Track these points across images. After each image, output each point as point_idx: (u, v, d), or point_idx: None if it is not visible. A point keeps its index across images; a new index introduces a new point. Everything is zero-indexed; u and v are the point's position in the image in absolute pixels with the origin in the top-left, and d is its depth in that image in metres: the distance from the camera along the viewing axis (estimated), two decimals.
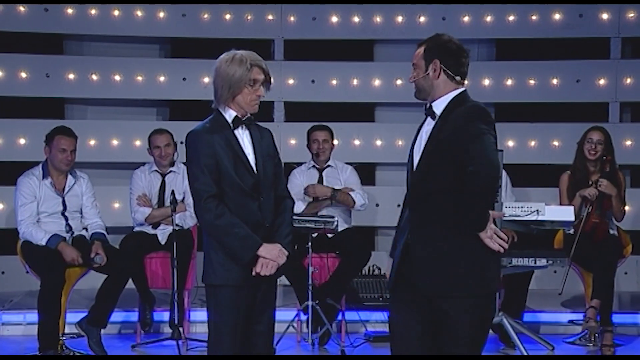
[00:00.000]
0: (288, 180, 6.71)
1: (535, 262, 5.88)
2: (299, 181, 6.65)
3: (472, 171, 3.41)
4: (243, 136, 3.88)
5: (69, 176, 6.10)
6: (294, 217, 5.90)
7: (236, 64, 3.83)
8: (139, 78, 7.90)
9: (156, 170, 6.54)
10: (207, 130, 3.83)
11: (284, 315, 6.27)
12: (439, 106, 3.61)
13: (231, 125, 3.86)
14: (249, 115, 3.90)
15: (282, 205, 3.95)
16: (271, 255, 3.80)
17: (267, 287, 3.90)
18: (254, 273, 3.79)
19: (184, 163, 6.51)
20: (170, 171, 6.54)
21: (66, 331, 5.98)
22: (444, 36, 3.65)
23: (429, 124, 3.63)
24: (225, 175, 3.79)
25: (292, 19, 8.03)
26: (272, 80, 3.93)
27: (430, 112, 3.63)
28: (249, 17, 7.99)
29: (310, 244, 6.07)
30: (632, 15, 7.87)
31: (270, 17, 8.00)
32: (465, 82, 3.65)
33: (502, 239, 3.54)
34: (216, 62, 3.90)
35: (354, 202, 6.54)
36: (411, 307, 3.60)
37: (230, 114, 3.87)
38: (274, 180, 3.93)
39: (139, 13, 7.91)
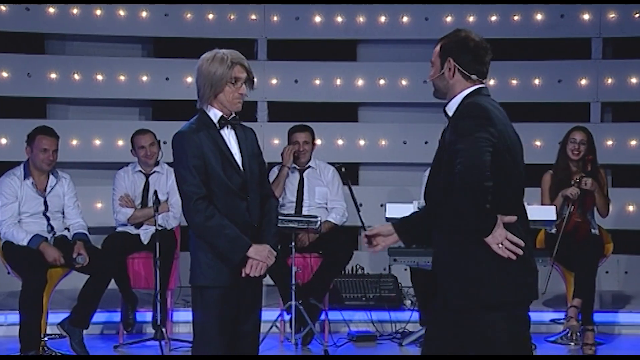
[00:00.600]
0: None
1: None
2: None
3: (456, 173, 3.20)
4: (229, 136, 3.87)
5: (51, 176, 6.07)
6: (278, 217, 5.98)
7: (217, 63, 3.83)
8: (122, 78, 7.87)
9: (140, 171, 6.52)
10: (193, 131, 3.82)
11: (267, 315, 6.24)
12: (451, 107, 3.42)
13: (217, 125, 3.85)
14: (234, 115, 3.89)
15: (267, 204, 3.95)
16: (260, 257, 3.80)
17: (254, 287, 3.90)
18: (243, 274, 3.78)
19: (168, 163, 6.55)
20: (154, 171, 6.52)
21: (48, 332, 5.95)
22: (461, 32, 3.43)
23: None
24: (214, 175, 3.78)
25: (275, 18, 8.02)
26: (254, 78, 3.92)
27: (445, 114, 3.45)
28: (231, 17, 7.98)
29: (293, 243, 6.07)
30: (612, 15, 7.92)
31: (253, 16, 7.99)
32: (485, 80, 3.46)
33: (517, 244, 3.27)
34: (198, 62, 3.90)
35: (335, 224, 6.55)
36: (439, 321, 3.46)
37: (215, 114, 3.86)
38: (259, 180, 3.93)
39: (122, 12, 7.88)
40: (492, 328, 3.29)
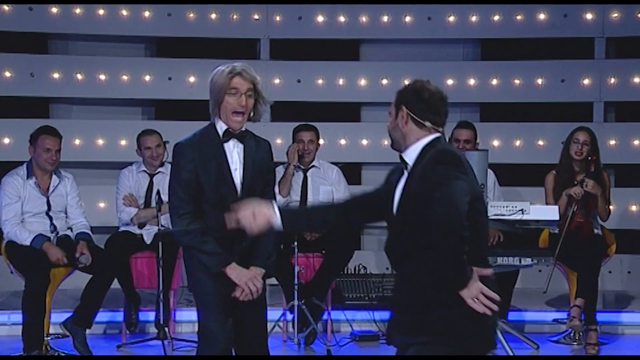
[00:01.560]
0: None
1: (520, 261, 5.90)
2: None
3: (434, 221, 3.08)
4: (234, 150, 3.83)
5: (54, 176, 6.07)
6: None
7: (221, 72, 3.81)
8: (124, 77, 7.87)
9: (144, 171, 6.52)
10: (192, 144, 3.81)
11: (270, 314, 6.15)
12: (410, 156, 3.33)
13: (221, 138, 3.82)
14: (244, 128, 3.85)
15: None
16: (239, 281, 3.78)
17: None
18: (234, 297, 3.78)
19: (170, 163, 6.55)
20: (159, 172, 6.52)
21: (51, 331, 5.96)
22: (417, 82, 3.39)
23: (404, 177, 3.34)
24: (205, 190, 3.77)
25: (277, 18, 8.02)
26: (260, 89, 3.84)
27: (402, 163, 3.36)
28: (234, 17, 7.97)
29: (296, 243, 6.07)
30: (616, 15, 7.92)
31: (256, 16, 7.99)
32: (442, 130, 3.36)
33: (492, 299, 3.17)
34: None
35: None
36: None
37: (221, 126, 3.84)
38: (261, 197, 3.80)
39: (124, 12, 7.89)
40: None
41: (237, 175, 3.81)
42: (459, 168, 3.20)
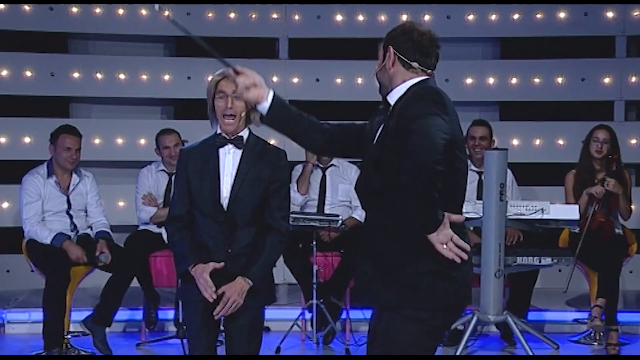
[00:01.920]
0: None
1: (540, 261, 5.88)
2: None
3: (409, 151, 2.91)
4: (228, 155, 3.76)
5: (74, 175, 6.10)
6: (298, 217, 5.98)
7: (212, 77, 3.82)
8: (144, 77, 7.90)
9: (163, 170, 6.54)
10: (191, 149, 3.83)
11: (289, 313, 6.27)
12: (393, 97, 3.18)
13: (216, 143, 3.78)
14: (240, 134, 3.75)
15: (266, 236, 3.72)
16: (196, 277, 3.67)
17: (242, 324, 3.75)
18: (215, 315, 3.70)
19: None
20: None
21: (71, 329, 5.98)
22: (407, 23, 3.24)
23: (383, 120, 3.21)
24: (193, 196, 3.76)
25: (296, 17, 8.02)
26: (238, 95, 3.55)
27: (385, 104, 3.21)
28: (253, 16, 7.98)
29: (314, 242, 6.07)
30: (637, 13, 7.85)
31: (274, 15, 8.00)
32: (432, 73, 3.19)
33: (462, 248, 2.99)
34: None
35: (360, 221, 6.55)
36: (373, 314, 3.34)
37: (217, 131, 3.80)
38: (259, 207, 3.71)
39: (144, 12, 7.92)
40: (404, 332, 3.09)
41: (226, 182, 3.72)
42: (439, 106, 3.03)
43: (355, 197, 6.61)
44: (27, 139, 7.67)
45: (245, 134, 3.78)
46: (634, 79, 7.85)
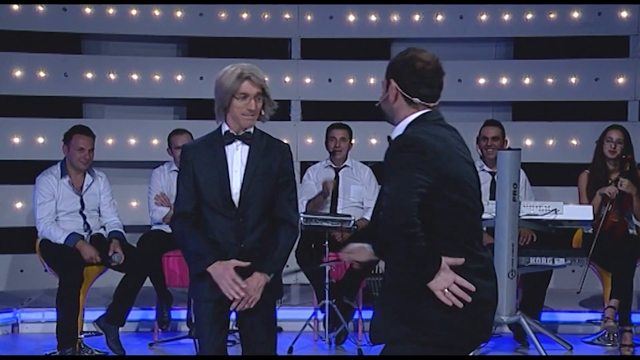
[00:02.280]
0: (302, 179, 6.73)
1: (553, 262, 5.86)
2: (311, 180, 6.66)
3: (379, 219, 2.89)
4: (236, 152, 3.75)
5: (87, 175, 6.13)
6: (310, 217, 5.98)
7: (228, 75, 3.72)
8: (157, 77, 7.92)
9: (176, 170, 6.55)
10: (195, 146, 3.81)
11: (301, 314, 6.28)
12: (394, 135, 3.11)
13: (223, 140, 3.77)
14: (248, 130, 3.76)
15: (279, 229, 3.75)
16: (216, 277, 3.65)
17: (259, 312, 3.74)
18: (232, 307, 3.71)
19: None
20: None
21: (84, 329, 6.01)
22: (410, 51, 3.11)
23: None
24: (201, 192, 3.74)
25: (309, 17, 8.02)
26: (270, 95, 3.72)
27: (389, 142, 3.12)
28: (265, 16, 7.99)
29: (327, 242, 6.07)
30: None
31: (287, 16, 8.00)
32: (435, 105, 3.11)
33: (467, 289, 2.90)
34: None
35: None
36: None
37: (224, 128, 3.78)
38: (269, 201, 3.74)
39: (157, 12, 7.94)
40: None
41: (236, 178, 3.73)
42: (420, 156, 2.91)
43: (367, 198, 6.67)
44: (40, 139, 7.70)
45: (251, 128, 3.79)
46: None
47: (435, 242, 2.91)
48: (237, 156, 3.75)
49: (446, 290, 2.90)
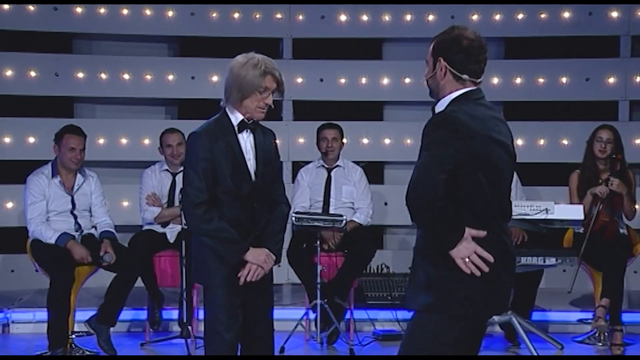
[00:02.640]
0: (295, 180, 6.73)
1: (544, 261, 5.87)
2: (305, 181, 6.66)
3: (407, 190, 3.12)
4: (246, 140, 3.85)
5: (78, 175, 6.11)
6: (302, 217, 5.98)
7: (250, 68, 3.78)
8: (148, 77, 7.91)
9: (167, 170, 6.55)
10: (208, 133, 3.81)
11: (293, 313, 6.28)
12: (439, 108, 3.26)
13: (236, 129, 3.82)
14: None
15: (276, 210, 3.92)
16: (257, 260, 3.80)
17: (261, 285, 3.88)
18: (241, 279, 3.79)
19: None
20: (181, 171, 6.53)
21: (75, 329, 5.99)
22: (455, 30, 3.26)
23: None
24: (221, 180, 3.77)
25: (300, 17, 8.02)
26: (284, 90, 3.88)
27: (433, 114, 3.28)
28: (257, 16, 7.99)
29: (318, 242, 6.07)
30: None
31: (278, 15, 8.00)
32: (480, 80, 3.27)
33: (485, 259, 3.10)
34: (232, 61, 3.86)
35: (360, 224, 6.55)
36: None
37: (236, 117, 3.84)
38: (271, 186, 3.90)
39: (148, 12, 7.93)
40: (432, 333, 3.15)
41: (251, 165, 3.83)
42: (452, 134, 3.09)
43: (357, 199, 6.68)
44: (31, 139, 7.68)
45: None
46: (638, 79, 7.84)
47: (461, 214, 3.12)
48: (247, 144, 3.85)
49: (467, 259, 3.10)
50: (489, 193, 3.18)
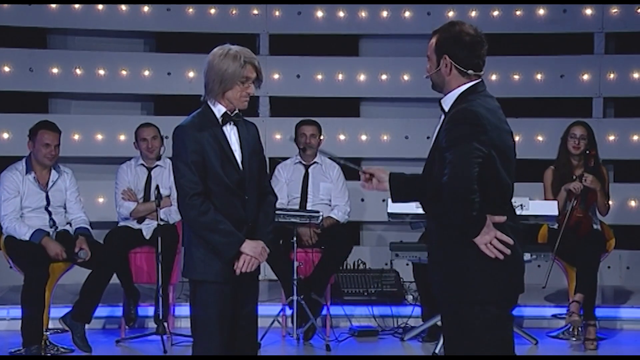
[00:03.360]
0: (272, 177, 6.73)
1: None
2: (282, 178, 6.67)
3: (444, 184, 3.25)
4: (230, 132, 3.85)
5: (53, 171, 6.07)
6: (279, 212, 5.98)
7: (230, 59, 3.80)
8: (124, 72, 7.86)
9: (142, 164, 6.52)
10: (194, 126, 3.80)
11: (269, 310, 6.27)
12: (447, 102, 3.42)
13: (220, 121, 3.84)
14: (237, 111, 3.88)
15: (265, 201, 3.95)
16: (254, 252, 3.81)
17: (249, 282, 3.90)
18: (237, 271, 3.78)
19: (170, 158, 6.55)
20: (157, 165, 6.52)
21: (50, 326, 5.96)
22: (456, 26, 3.39)
23: (439, 124, 3.47)
24: (212, 172, 3.77)
25: (277, 13, 8.01)
26: (262, 78, 3.90)
27: (441, 108, 3.47)
28: (233, 12, 7.97)
29: (295, 238, 6.08)
30: (615, 10, 7.91)
31: (255, 11, 7.98)
32: (482, 72, 3.44)
33: (506, 243, 3.32)
34: (209, 55, 3.86)
35: (337, 221, 6.56)
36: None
37: (219, 109, 3.84)
38: (258, 177, 3.92)
39: (123, 7, 7.88)
40: (469, 324, 3.33)
41: (238, 155, 3.85)
42: (479, 128, 3.26)
43: (335, 196, 6.69)
44: (5, 135, 7.62)
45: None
46: (612, 76, 7.90)
47: (482, 203, 3.27)
48: (232, 136, 3.86)
49: (489, 244, 3.28)
50: (506, 181, 3.37)
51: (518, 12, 7.99)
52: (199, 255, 3.80)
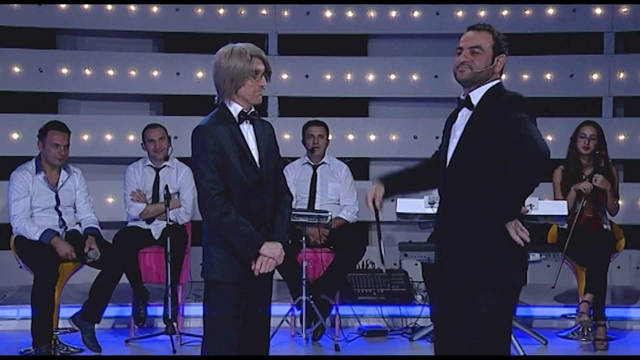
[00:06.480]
0: None
1: (528, 257, 5.88)
2: (290, 178, 6.66)
3: (521, 157, 3.41)
4: (247, 131, 3.84)
5: (62, 171, 6.09)
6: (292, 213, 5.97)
7: (236, 57, 3.80)
8: (133, 73, 7.88)
9: (150, 165, 6.54)
10: (213, 125, 3.79)
11: (278, 310, 6.24)
12: (476, 96, 3.61)
13: (236, 119, 3.83)
14: (253, 109, 3.87)
15: (281, 201, 3.93)
16: (273, 254, 3.78)
17: (264, 283, 3.89)
18: (256, 272, 3.77)
19: (179, 158, 6.57)
20: (164, 166, 6.53)
21: (60, 326, 5.98)
22: (496, 31, 3.72)
23: (464, 115, 3.63)
24: (231, 171, 3.76)
25: (285, 13, 8.02)
26: (271, 70, 3.89)
27: (467, 102, 3.62)
28: (242, 12, 7.98)
29: (304, 238, 6.08)
30: (625, 10, 7.89)
31: (264, 11, 7.99)
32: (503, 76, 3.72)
33: (525, 232, 3.53)
34: (215, 57, 3.85)
35: (347, 221, 6.56)
36: (443, 302, 3.64)
37: (235, 108, 3.83)
38: (275, 176, 3.91)
39: (133, 8, 7.90)
40: (486, 307, 3.49)
41: (255, 155, 3.83)
42: (532, 114, 3.53)
43: (343, 196, 6.69)
44: (15, 135, 7.64)
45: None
46: (621, 75, 7.88)
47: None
48: (249, 135, 3.85)
49: (518, 228, 3.52)
50: None
51: (527, 12, 7.98)
52: (218, 256, 3.79)
